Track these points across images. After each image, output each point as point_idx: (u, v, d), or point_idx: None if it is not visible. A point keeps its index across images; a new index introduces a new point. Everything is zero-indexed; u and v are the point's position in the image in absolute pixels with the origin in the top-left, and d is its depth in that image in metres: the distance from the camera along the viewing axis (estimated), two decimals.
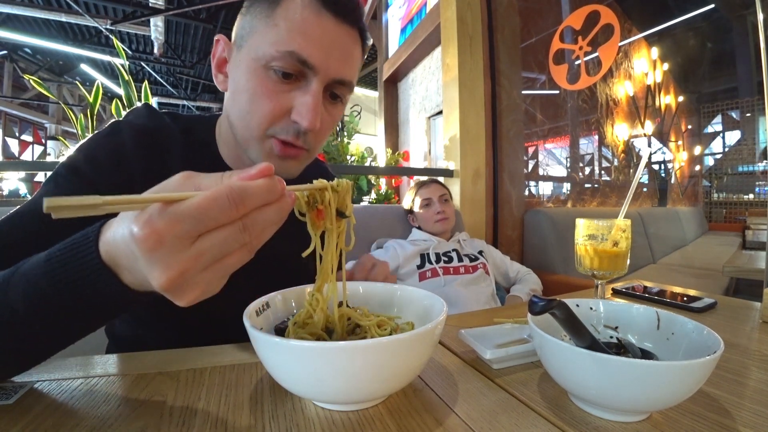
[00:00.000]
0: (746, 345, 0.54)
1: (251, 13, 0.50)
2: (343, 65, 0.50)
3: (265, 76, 0.48)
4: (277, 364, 0.33)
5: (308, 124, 0.48)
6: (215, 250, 0.27)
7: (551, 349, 0.36)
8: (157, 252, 0.25)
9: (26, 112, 7.66)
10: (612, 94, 3.44)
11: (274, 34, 0.47)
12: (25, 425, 0.32)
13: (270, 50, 0.47)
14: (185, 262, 0.26)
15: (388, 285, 0.50)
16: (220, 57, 0.55)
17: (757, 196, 4.96)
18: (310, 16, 0.47)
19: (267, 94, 0.48)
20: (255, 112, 0.49)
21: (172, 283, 0.26)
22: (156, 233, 0.25)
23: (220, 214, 0.26)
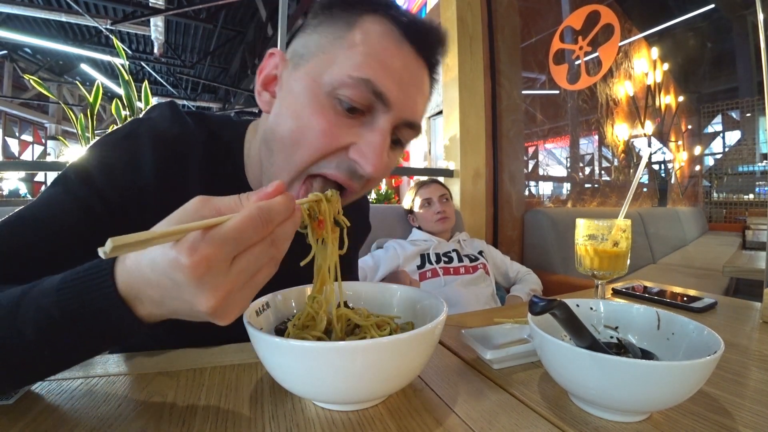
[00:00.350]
0: (746, 345, 0.54)
1: (318, 33, 0.44)
2: (416, 106, 0.45)
3: (327, 104, 0.42)
4: (277, 364, 0.33)
5: (372, 169, 0.42)
6: (251, 267, 0.28)
7: (551, 349, 0.36)
8: (205, 277, 0.26)
9: (26, 112, 7.66)
10: (612, 94, 3.44)
11: (347, 57, 0.41)
12: (25, 425, 0.32)
13: (340, 75, 0.40)
14: (230, 283, 0.27)
15: (388, 285, 0.50)
16: (269, 73, 0.48)
17: (757, 196, 4.96)
18: (391, 44, 0.42)
19: (326, 128, 0.41)
20: (303, 145, 0.42)
21: (219, 305, 0.27)
22: (206, 259, 0.26)
23: (255, 233, 0.28)
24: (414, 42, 0.43)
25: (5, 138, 7.26)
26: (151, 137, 0.48)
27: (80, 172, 0.45)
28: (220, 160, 0.53)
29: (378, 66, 0.41)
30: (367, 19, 0.42)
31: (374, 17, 0.42)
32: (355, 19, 0.42)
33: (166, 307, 0.30)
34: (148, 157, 0.47)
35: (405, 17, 0.43)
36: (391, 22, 0.42)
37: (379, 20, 0.42)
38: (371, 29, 0.42)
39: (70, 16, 5.00)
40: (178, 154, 0.49)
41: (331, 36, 0.43)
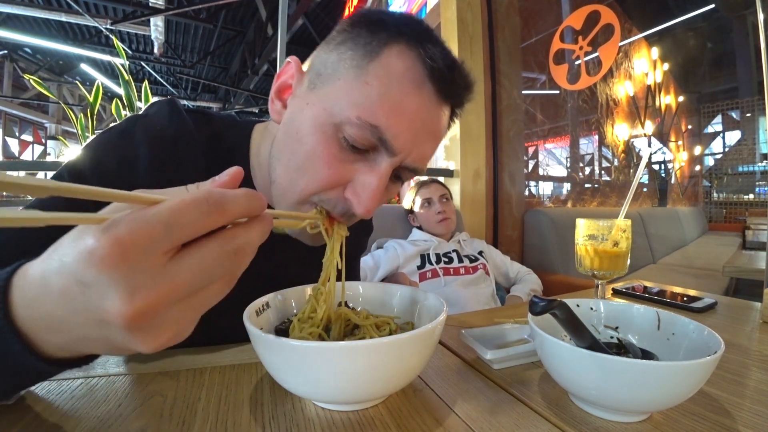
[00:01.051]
0: (746, 345, 0.54)
1: (339, 53, 0.42)
2: (425, 151, 0.43)
3: (332, 136, 0.40)
4: (277, 364, 0.33)
5: (363, 212, 0.41)
6: (197, 274, 0.22)
7: (552, 349, 0.36)
8: (119, 269, 0.19)
9: (26, 111, 7.66)
10: (612, 94, 3.44)
11: (360, 93, 0.39)
12: (25, 425, 0.32)
13: (350, 112, 0.39)
14: (157, 287, 0.20)
15: (388, 285, 0.50)
16: (285, 82, 0.47)
17: (757, 196, 4.96)
18: (410, 86, 0.39)
19: (328, 160, 0.41)
20: (308, 173, 0.41)
21: (138, 316, 0.20)
22: (119, 243, 0.19)
23: (198, 220, 0.21)
24: (438, 84, 0.41)
25: (5, 138, 7.26)
26: (147, 136, 0.46)
27: (73, 172, 0.44)
28: (223, 162, 0.50)
29: (390, 111, 0.39)
30: (392, 52, 0.40)
31: (399, 49, 0.40)
32: (380, 48, 0.40)
33: (68, 323, 0.22)
34: (143, 156, 0.45)
35: (433, 53, 0.40)
36: (417, 59, 0.40)
37: (404, 55, 0.40)
38: (393, 65, 0.39)
39: (70, 15, 5.00)
40: (175, 155, 0.47)
41: (350, 62, 0.40)
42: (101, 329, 0.22)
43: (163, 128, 0.48)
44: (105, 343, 0.23)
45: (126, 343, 0.22)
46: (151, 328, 0.21)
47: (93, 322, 0.21)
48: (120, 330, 0.21)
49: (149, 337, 0.21)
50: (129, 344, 0.22)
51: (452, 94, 0.43)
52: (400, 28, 0.41)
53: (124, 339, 0.21)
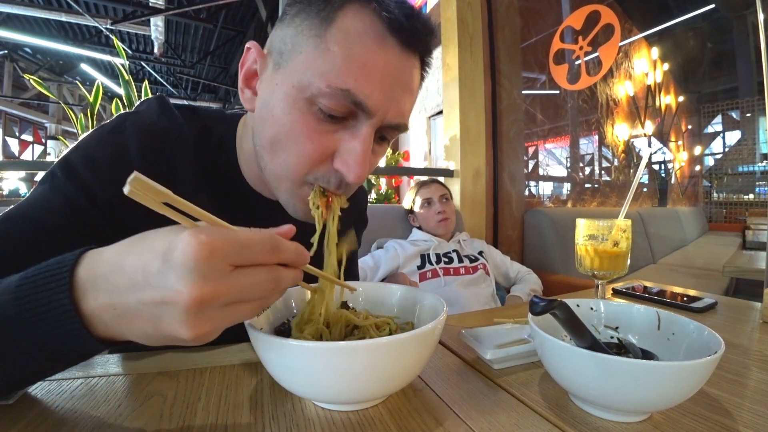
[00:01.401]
0: (747, 345, 0.54)
1: (295, 26, 0.41)
2: (402, 106, 0.42)
3: (307, 111, 0.40)
4: (277, 364, 0.33)
5: (354, 178, 0.41)
6: (245, 287, 0.27)
7: (552, 349, 0.36)
8: (201, 261, 0.25)
9: (26, 111, 7.66)
10: (612, 94, 3.44)
11: (325, 61, 0.38)
12: (25, 425, 0.32)
13: (319, 83, 0.38)
14: (219, 285, 0.26)
15: (388, 285, 0.50)
16: (249, 69, 0.46)
17: (757, 196, 4.96)
18: (372, 42, 0.39)
19: (309, 134, 0.41)
20: (293, 152, 0.42)
21: (199, 301, 0.25)
22: (211, 245, 0.25)
23: (260, 252, 0.28)
24: (400, 36, 0.40)
25: (5, 138, 7.27)
26: (138, 131, 0.47)
27: (66, 168, 0.44)
28: (213, 155, 0.52)
29: (358, 72, 0.38)
30: (347, 14, 0.39)
31: (354, 9, 0.39)
32: (334, 13, 0.39)
33: (129, 297, 0.26)
34: (134, 150, 0.46)
35: (388, 6, 0.39)
36: (373, 15, 0.39)
37: (359, 14, 0.39)
38: (350, 27, 0.38)
39: (70, 15, 5.00)
40: (166, 148, 0.48)
41: (308, 32, 0.40)
42: (159, 307, 0.26)
43: (153, 123, 0.48)
44: (152, 323, 0.27)
45: (174, 324, 0.26)
46: (202, 316, 0.26)
47: (155, 300, 0.26)
48: (178, 310, 0.25)
49: (196, 322, 0.26)
50: (176, 325, 0.26)
51: (416, 42, 0.41)
52: None
53: (176, 319, 0.25)
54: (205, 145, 0.51)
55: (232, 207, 0.53)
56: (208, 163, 0.51)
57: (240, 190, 0.53)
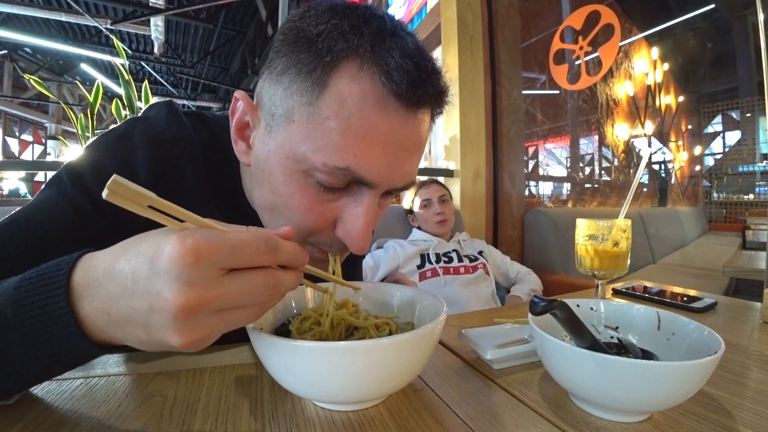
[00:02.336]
0: (746, 345, 0.54)
1: (284, 87, 0.37)
2: (408, 169, 0.39)
3: (305, 183, 0.38)
4: (277, 364, 0.33)
5: (358, 250, 0.40)
6: (239, 293, 0.26)
7: (552, 349, 0.36)
8: (188, 267, 0.24)
9: (26, 111, 7.67)
10: (612, 94, 3.44)
11: (320, 135, 0.35)
12: (25, 425, 0.32)
13: (314, 159, 0.35)
14: (208, 291, 0.25)
15: (388, 285, 0.50)
16: (240, 120, 0.43)
17: (757, 196, 4.96)
18: (372, 111, 0.34)
19: (309, 206, 0.38)
20: (293, 222, 0.39)
21: (186, 308, 0.24)
22: (197, 250, 0.24)
23: (255, 254, 0.26)
24: (404, 98, 0.35)
25: (5, 138, 7.27)
26: (146, 139, 0.46)
27: (73, 173, 0.44)
28: (221, 166, 0.50)
29: (357, 146, 0.35)
30: (342, 76, 0.34)
31: (350, 71, 0.34)
32: (327, 76, 0.34)
33: (120, 303, 0.26)
34: (142, 159, 0.45)
35: (389, 64, 0.34)
36: (373, 77, 0.34)
37: (356, 76, 0.34)
38: (347, 93, 0.34)
39: (70, 15, 5.00)
40: (174, 157, 0.47)
41: (299, 99, 0.36)
42: (148, 314, 0.25)
43: (161, 131, 0.47)
44: (143, 329, 0.26)
45: (163, 331, 0.25)
46: (191, 323, 0.25)
47: (144, 307, 0.25)
48: (166, 317, 0.24)
49: (185, 330, 0.25)
50: (165, 332, 0.25)
51: (425, 102, 0.37)
52: (345, 37, 0.34)
53: (164, 326, 0.25)
54: (213, 156, 0.50)
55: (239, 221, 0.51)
56: (216, 175, 0.50)
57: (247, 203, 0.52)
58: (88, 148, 0.46)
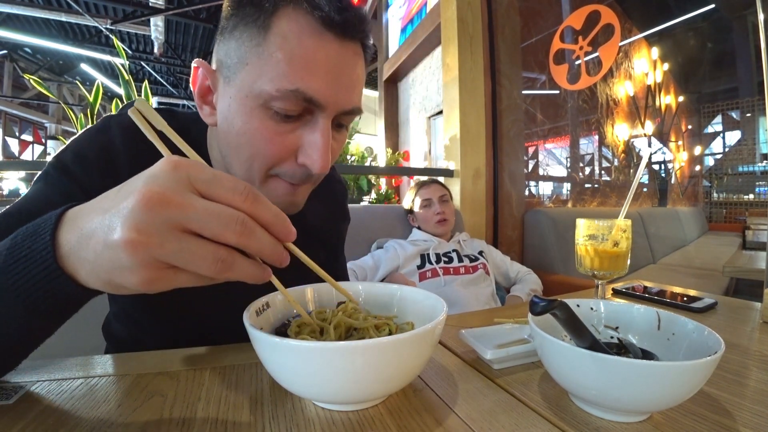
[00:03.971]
0: (747, 345, 0.54)
1: (236, 39, 0.43)
2: (351, 93, 0.45)
3: (264, 116, 0.43)
4: (277, 364, 0.33)
5: (319, 169, 0.44)
6: (211, 219, 0.26)
7: (552, 349, 0.36)
8: (164, 173, 0.26)
9: (26, 111, 7.67)
10: (612, 94, 3.44)
11: (271, 68, 0.41)
12: (25, 425, 0.32)
13: (268, 88, 0.41)
14: (176, 195, 0.25)
15: (388, 285, 0.50)
16: (202, 86, 0.48)
17: (757, 196, 4.96)
18: (310, 41, 0.41)
19: (270, 137, 0.43)
20: (256, 156, 0.44)
21: (151, 201, 0.25)
22: (179, 162, 0.26)
23: (233, 190, 0.27)
24: (335, 29, 0.42)
25: (5, 138, 7.26)
26: (122, 128, 0.50)
27: (58, 166, 0.47)
28: None
29: (303, 70, 0.41)
30: (281, 18, 0.41)
31: (287, 14, 0.41)
32: (270, 20, 0.41)
33: (96, 212, 0.27)
34: (120, 145, 0.49)
35: (319, 4, 0.41)
36: (306, 14, 0.41)
37: (293, 16, 0.41)
38: (287, 30, 0.41)
39: (70, 15, 5.00)
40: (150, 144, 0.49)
41: (249, 43, 0.42)
42: (114, 213, 0.26)
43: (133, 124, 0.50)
44: (105, 232, 0.26)
45: (119, 264, 0.25)
46: (148, 224, 0.25)
47: (114, 205, 0.26)
48: (127, 209, 0.25)
49: (140, 228, 0.25)
50: (122, 267, 0.26)
51: (352, 32, 0.43)
52: None
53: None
54: None
55: None
56: None
57: None
58: (70, 143, 0.50)
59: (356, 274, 1.32)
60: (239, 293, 0.44)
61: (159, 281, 0.26)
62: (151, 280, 0.26)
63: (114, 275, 0.26)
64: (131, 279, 0.26)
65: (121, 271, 0.26)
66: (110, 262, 0.26)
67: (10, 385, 0.39)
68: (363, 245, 1.48)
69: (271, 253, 0.28)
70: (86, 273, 0.28)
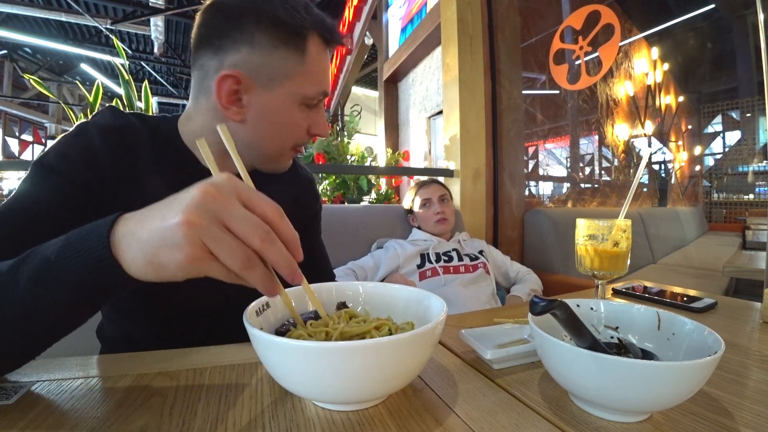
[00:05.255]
0: (746, 345, 0.54)
1: (278, 57, 0.56)
2: None
3: (299, 108, 0.59)
4: (277, 364, 0.33)
5: (325, 133, 0.65)
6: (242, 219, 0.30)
7: (552, 349, 0.36)
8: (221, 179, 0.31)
9: (26, 111, 7.66)
10: (612, 94, 3.44)
11: (311, 79, 0.58)
12: (25, 425, 0.32)
13: (311, 92, 0.59)
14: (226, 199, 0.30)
15: (388, 285, 0.50)
16: (230, 90, 0.56)
17: (757, 196, 4.96)
18: (323, 58, 0.60)
19: (299, 122, 0.60)
20: (291, 137, 0.61)
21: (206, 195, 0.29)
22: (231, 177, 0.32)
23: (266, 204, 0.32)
24: (332, 45, 0.62)
25: (5, 138, 7.26)
26: (99, 129, 0.55)
27: (42, 167, 0.51)
28: (164, 146, 0.61)
29: (324, 78, 0.60)
30: (310, 44, 0.57)
31: (313, 40, 0.58)
32: (305, 44, 0.57)
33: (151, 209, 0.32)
34: (99, 144, 0.53)
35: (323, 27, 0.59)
36: (320, 37, 0.59)
37: (317, 39, 0.58)
38: (314, 53, 0.58)
39: (70, 15, 5.00)
40: (126, 140, 0.57)
41: (292, 61, 0.56)
42: (171, 205, 0.30)
43: (110, 123, 0.57)
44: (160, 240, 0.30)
45: (171, 242, 0.29)
46: (199, 212, 0.29)
47: (172, 201, 0.31)
48: (186, 201, 0.30)
49: (187, 242, 0.29)
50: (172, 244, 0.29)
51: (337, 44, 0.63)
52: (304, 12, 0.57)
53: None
54: (156, 139, 0.60)
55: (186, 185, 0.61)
56: (162, 152, 0.60)
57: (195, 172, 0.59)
58: (49, 148, 0.53)
59: (356, 275, 1.32)
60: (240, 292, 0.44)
61: (198, 262, 0.30)
62: (194, 257, 0.29)
63: (161, 252, 0.30)
64: (177, 255, 0.29)
65: (170, 247, 0.29)
66: (162, 239, 0.30)
67: (10, 385, 0.39)
68: (363, 245, 1.47)
69: (286, 266, 0.32)
70: (133, 254, 0.31)
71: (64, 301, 0.33)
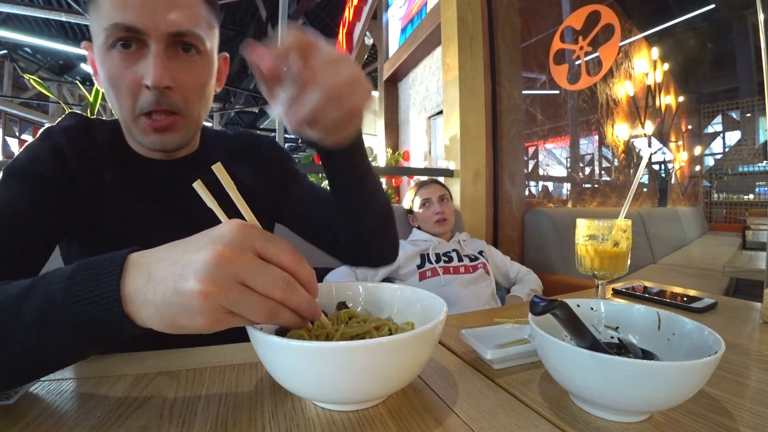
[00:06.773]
0: (747, 345, 0.54)
1: (89, 10, 0.52)
2: (175, 17, 0.50)
3: (110, 56, 0.50)
4: (277, 364, 0.33)
5: (153, 81, 0.49)
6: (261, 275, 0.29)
7: (552, 349, 0.36)
8: (235, 234, 0.29)
9: (26, 111, 7.66)
10: (612, 94, 3.44)
11: (100, 16, 0.49)
12: (25, 425, 0.32)
13: (101, 32, 0.49)
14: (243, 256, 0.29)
15: (388, 285, 0.50)
16: (91, 61, 0.56)
17: (757, 196, 4.96)
18: None
19: (119, 72, 0.50)
20: (118, 93, 0.52)
21: (220, 259, 0.28)
22: (249, 226, 0.31)
23: (283, 251, 0.31)
24: None
25: (5, 138, 7.26)
26: (64, 131, 0.57)
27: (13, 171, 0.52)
28: (112, 140, 0.61)
29: (120, 7, 0.48)
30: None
31: None
32: None
33: (165, 261, 0.30)
34: (65, 144, 0.55)
35: None
36: None
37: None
38: None
39: (70, 15, 5.00)
40: (92, 141, 0.59)
41: (92, 7, 0.51)
42: (184, 265, 0.29)
43: (73, 125, 0.59)
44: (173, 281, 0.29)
45: (189, 310, 0.28)
46: (216, 275, 0.28)
47: (184, 258, 0.29)
48: (199, 264, 0.28)
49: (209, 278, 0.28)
50: (191, 311, 0.28)
51: None
52: None
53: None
54: (114, 138, 0.61)
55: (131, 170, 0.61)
56: (111, 143, 0.61)
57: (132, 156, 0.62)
58: (18, 155, 0.54)
59: (356, 275, 1.32)
60: None
61: (220, 323, 0.30)
62: (215, 321, 0.29)
63: (181, 318, 0.29)
64: (198, 321, 0.29)
65: (189, 315, 0.29)
66: (180, 306, 0.29)
67: None
68: None
69: (307, 309, 0.32)
70: (149, 314, 0.30)
71: (70, 344, 0.32)
